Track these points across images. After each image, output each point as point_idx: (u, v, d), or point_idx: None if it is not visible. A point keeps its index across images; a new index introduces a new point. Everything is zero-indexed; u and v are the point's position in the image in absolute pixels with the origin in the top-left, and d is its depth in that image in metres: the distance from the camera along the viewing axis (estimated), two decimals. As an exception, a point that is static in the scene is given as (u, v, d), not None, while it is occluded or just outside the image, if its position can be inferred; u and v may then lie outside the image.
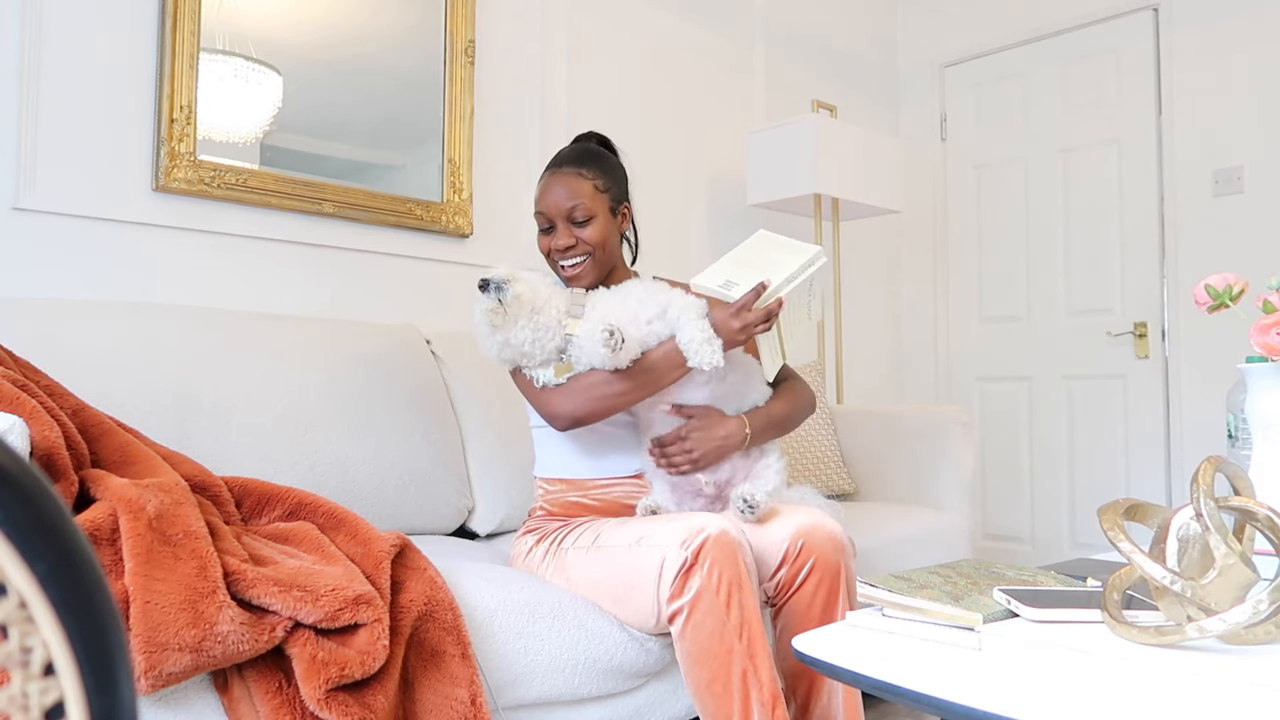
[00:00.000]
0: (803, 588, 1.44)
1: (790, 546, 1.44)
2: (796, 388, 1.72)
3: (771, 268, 1.51)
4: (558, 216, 1.62)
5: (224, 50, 2.07)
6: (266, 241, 2.15)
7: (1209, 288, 1.38)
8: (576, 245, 1.62)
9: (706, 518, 1.39)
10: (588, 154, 1.67)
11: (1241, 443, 1.47)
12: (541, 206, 1.64)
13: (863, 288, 3.81)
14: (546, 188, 1.64)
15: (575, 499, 1.65)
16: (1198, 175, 3.18)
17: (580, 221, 1.62)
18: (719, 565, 1.32)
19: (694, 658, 1.33)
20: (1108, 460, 3.38)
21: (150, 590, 1.02)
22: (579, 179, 1.62)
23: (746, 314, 1.47)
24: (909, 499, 2.46)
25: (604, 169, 1.66)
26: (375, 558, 1.25)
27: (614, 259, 1.70)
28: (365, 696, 1.10)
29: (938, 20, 3.91)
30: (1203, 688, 0.80)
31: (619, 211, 1.69)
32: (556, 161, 1.67)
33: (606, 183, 1.66)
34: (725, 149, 3.27)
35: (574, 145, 1.73)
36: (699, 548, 1.33)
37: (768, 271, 1.50)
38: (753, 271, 1.51)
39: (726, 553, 1.34)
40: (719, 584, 1.32)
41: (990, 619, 1.03)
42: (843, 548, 1.48)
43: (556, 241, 1.63)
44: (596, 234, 1.62)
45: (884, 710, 2.10)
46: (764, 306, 1.48)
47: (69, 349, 1.61)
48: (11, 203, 1.81)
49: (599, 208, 1.63)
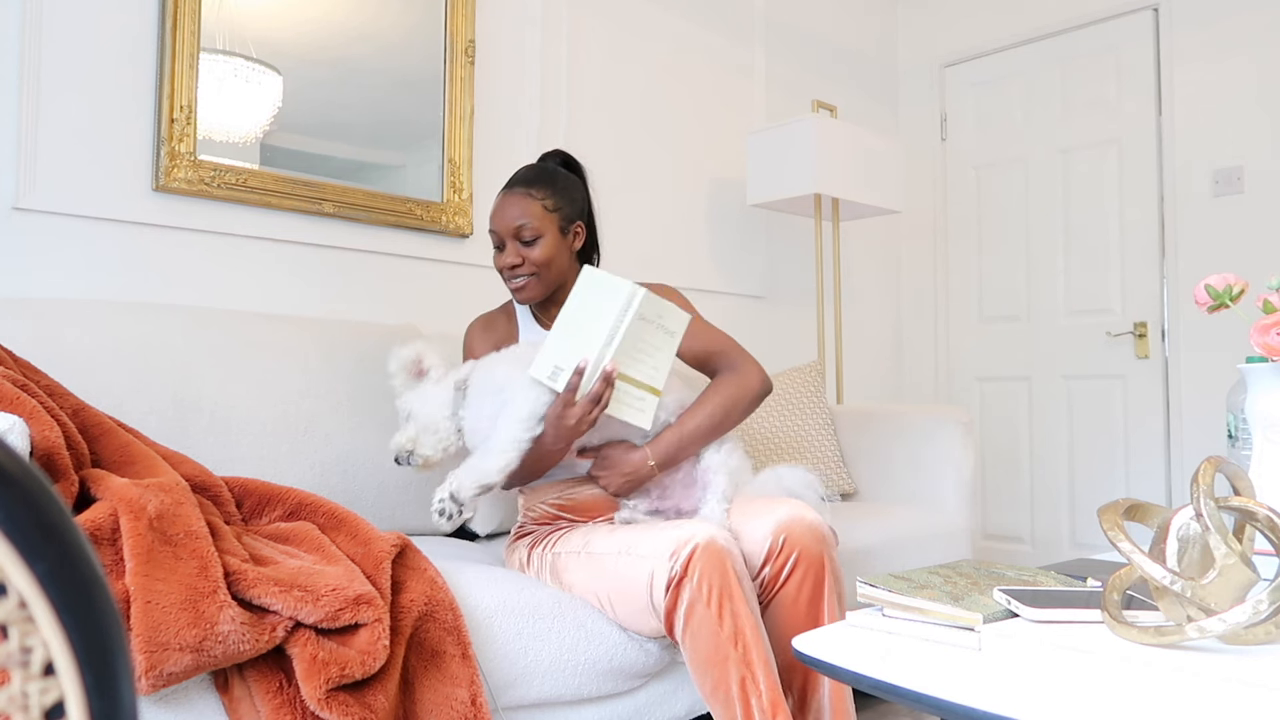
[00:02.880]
0: (788, 583, 1.44)
1: (773, 544, 1.44)
2: (722, 381, 1.68)
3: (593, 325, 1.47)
4: (507, 235, 1.66)
5: (224, 50, 2.07)
6: (266, 241, 2.16)
7: (1209, 288, 1.38)
8: (523, 264, 1.66)
9: (693, 527, 1.40)
10: (542, 174, 1.70)
11: (1241, 443, 1.47)
12: (493, 225, 1.68)
13: (863, 288, 3.81)
14: (497, 207, 1.68)
15: (547, 507, 1.67)
16: (1198, 175, 3.18)
17: (528, 241, 1.65)
18: (708, 576, 1.33)
19: (696, 665, 1.35)
20: (1108, 460, 3.38)
21: (151, 590, 1.02)
22: (528, 199, 1.65)
23: (572, 410, 1.46)
24: (909, 499, 2.46)
25: (556, 189, 1.69)
26: (376, 558, 1.25)
27: (563, 277, 1.72)
28: (366, 696, 1.10)
29: (938, 20, 3.91)
30: (1203, 688, 0.80)
31: (570, 231, 1.71)
32: (510, 182, 1.70)
33: (557, 203, 1.68)
34: (725, 149, 3.27)
35: (531, 165, 1.76)
36: (687, 559, 1.34)
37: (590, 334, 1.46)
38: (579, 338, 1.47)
39: (714, 563, 1.34)
40: (709, 595, 1.33)
41: (990, 619, 1.03)
42: (824, 538, 1.47)
43: (504, 260, 1.67)
44: (543, 254, 1.65)
45: (884, 710, 2.10)
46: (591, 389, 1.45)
47: (69, 349, 1.61)
48: (11, 203, 1.81)
49: (547, 227, 1.66)
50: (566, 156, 1.80)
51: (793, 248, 3.51)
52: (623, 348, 1.47)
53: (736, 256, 3.30)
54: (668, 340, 1.51)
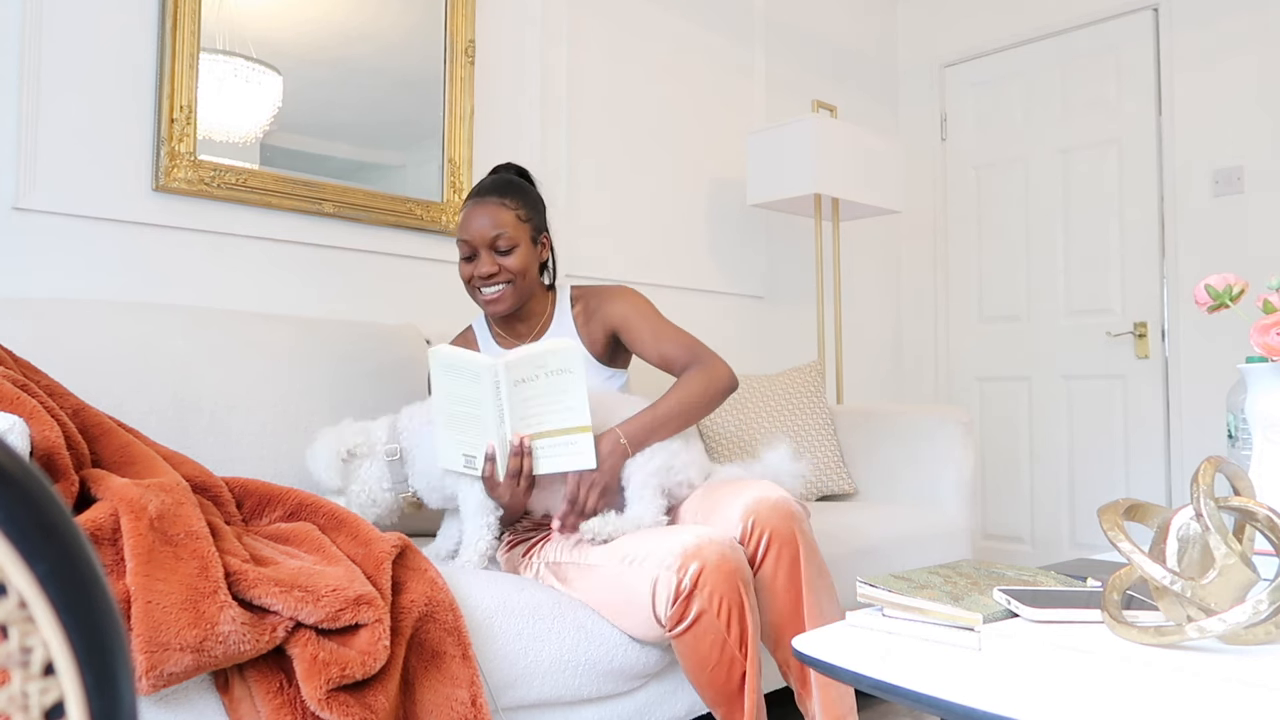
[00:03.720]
0: (764, 564, 1.44)
1: (744, 527, 1.44)
2: (691, 375, 1.65)
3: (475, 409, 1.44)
4: (481, 244, 1.65)
5: (224, 50, 2.07)
6: (266, 241, 2.16)
7: (1209, 288, 1.38)
8: (499, 273, 1.66)
9: (697, 536, 1.39)
10: (510, 185, 1.71)
11: (1241, 443, 1.47)
12: (465, 235, 1.67)
13: (863, 288, 3.81)
14: (470, 216, 1.67)
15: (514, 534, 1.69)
16: (1198, 175, 3.18)
17: (504, 250, 1.65)
18: (719, 591, 1.34)
19: (692, 666, 1.35)
20: (1108, 460, 3.38)
21: (151, 590, 1.02)
22: (502, 209, 1.66)
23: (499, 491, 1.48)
24: (909, 499, 2.46)
25: (525, 200, 1.70)
26: (376, 558, 1.25)
27: (533, 287, 1.74)
28: (366, 697, 1.10)
29: (938, 20, 3.91)
30: (1203, 688, 0.80)
31: (539, 240, 1.73)
32: (479, 191, 1.70)
33: (528, 213, 1.70)
34: (725, 149, 3.27)
35: (494, 176, 1.76)
36: (697, 575, 1.34)
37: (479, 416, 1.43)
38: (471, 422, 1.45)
39: (724, 575, 1.35)
40: (719, 607, 1.34)
41: (990, 619, 1.03)
42: (792, 513, 1.46)
43: (479, 269, 1.66)
44: (519, 263, 1.66)
45: (884, 710, 2.10)
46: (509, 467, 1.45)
47: (69, 349, 1.61)
48: (12, 203, 1.81)
49: (521, 237, 1.67)
50: (521, 169, 1.82)
51: (793, 248, 3.51)
52: (518, 415, 1.43)
53: (736, 256, 3.30)
54: (568, 379, 1.43)
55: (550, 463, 1.46)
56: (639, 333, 1.71)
